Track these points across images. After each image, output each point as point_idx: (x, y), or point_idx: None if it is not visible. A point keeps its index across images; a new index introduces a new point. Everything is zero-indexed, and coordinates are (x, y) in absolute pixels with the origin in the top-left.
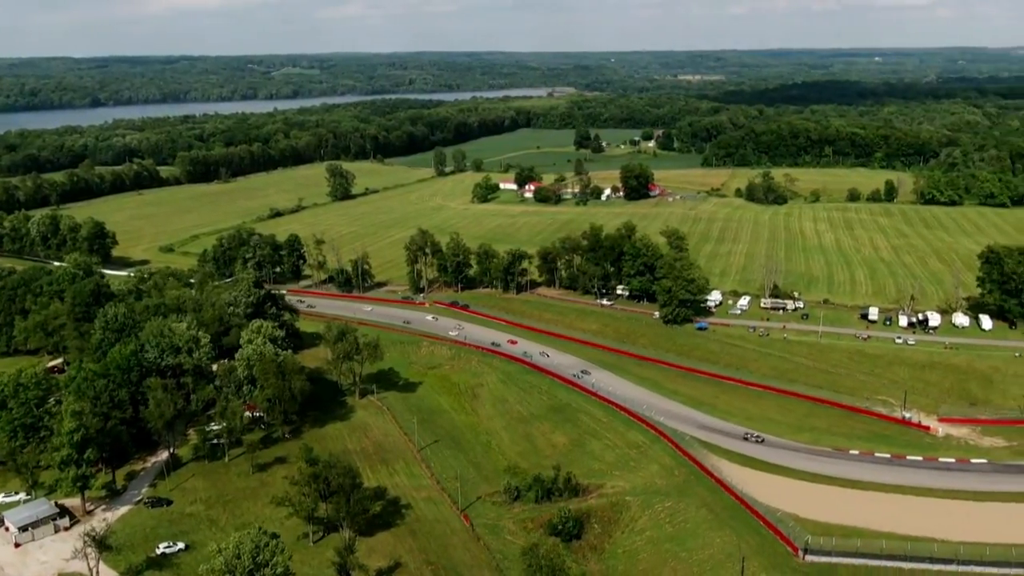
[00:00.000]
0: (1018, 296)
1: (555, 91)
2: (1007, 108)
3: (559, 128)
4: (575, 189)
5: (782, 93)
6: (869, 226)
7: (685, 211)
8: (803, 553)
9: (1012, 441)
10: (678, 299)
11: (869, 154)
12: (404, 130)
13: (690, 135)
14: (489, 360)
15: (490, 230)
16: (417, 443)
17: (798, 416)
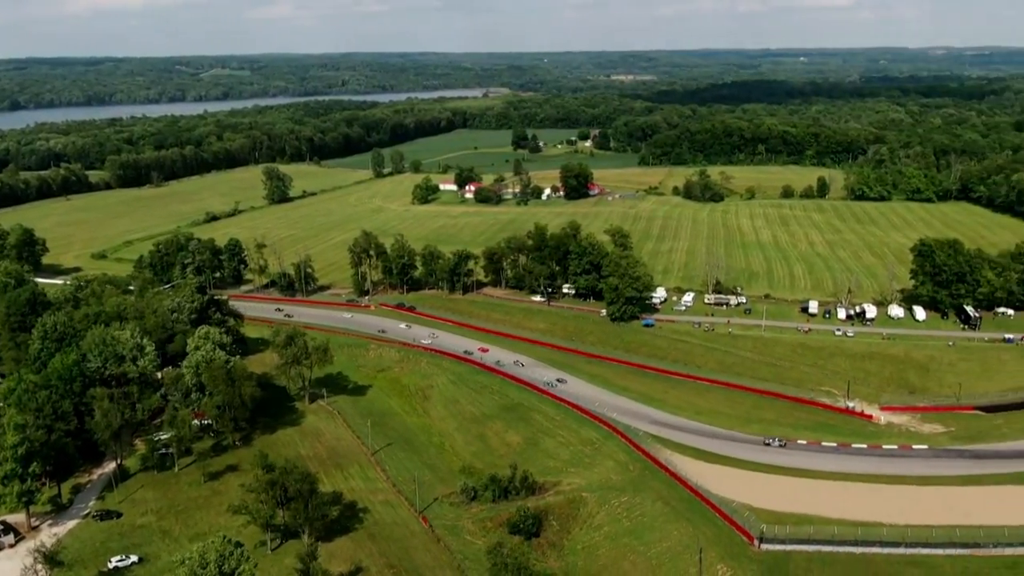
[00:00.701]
0: (949, 288)
1: (490, 91)
2: (928, 106)
3: (495, 128)
4: (516, 189)
5: (713, 92)
6: (804, 222)
7: (625, 210)
8: (758, 542)
9: (950, 427)
10: (625, 297)
11: (801, 152)
12: (340, 132)
13: (626, 134)
14: (439, 361)
15: (432, 231)
16: (371, 446)
17: (746, 408)
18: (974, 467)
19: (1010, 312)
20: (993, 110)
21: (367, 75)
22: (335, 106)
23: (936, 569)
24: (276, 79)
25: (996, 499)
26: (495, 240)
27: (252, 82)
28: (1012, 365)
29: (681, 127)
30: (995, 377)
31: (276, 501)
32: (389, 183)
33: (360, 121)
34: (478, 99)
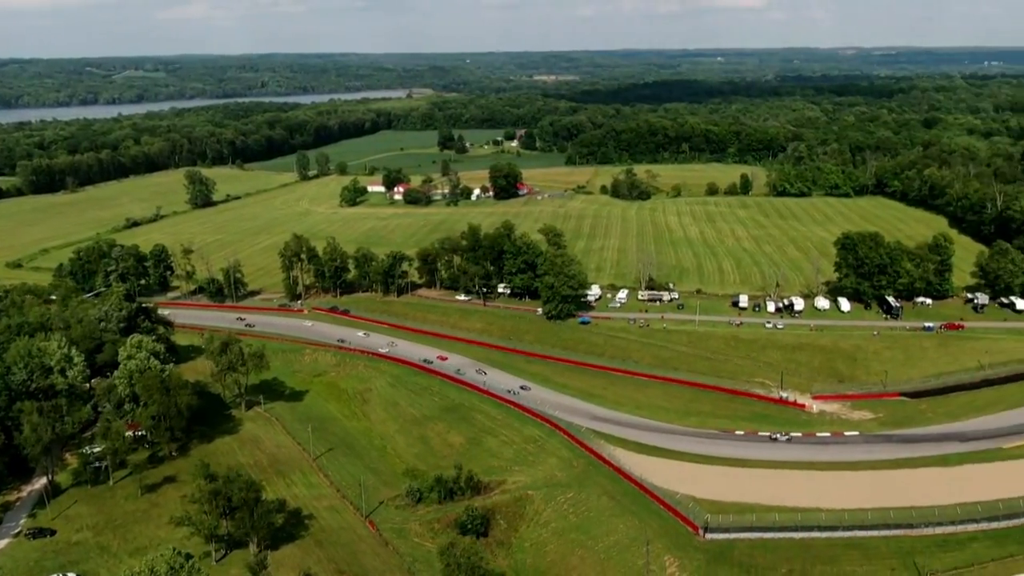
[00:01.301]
0: (871, 279)
1: (413, 92)
2: (842, 105)
3: (420, 129)
4: (445, 190)
5: (635, 92)
6: (729, 218)
7: (555, 209)
8: (703, 532)
9: (878, 413)
10: (561, 295)
11: (723, 149)
12: (262, 134)
13: (551, 134)
14: (376, 364)
15: (362, 233)
16: (312, 452)
17: (684, 401)
18: (902, 451)
19: (928, 301)
20: (902, 108)
21: (287, 76)
22: (256, 108)
23: (873, 550)
24: (193, 81)
25: (924, 480)
26: (427, 241)
27: (168, 84)
28: (933, 352)
29: (606, 127)
30: (918, 364)
31: (220, 511)
32: (315, 186)
33: (283, 123)
34: (402, 100)
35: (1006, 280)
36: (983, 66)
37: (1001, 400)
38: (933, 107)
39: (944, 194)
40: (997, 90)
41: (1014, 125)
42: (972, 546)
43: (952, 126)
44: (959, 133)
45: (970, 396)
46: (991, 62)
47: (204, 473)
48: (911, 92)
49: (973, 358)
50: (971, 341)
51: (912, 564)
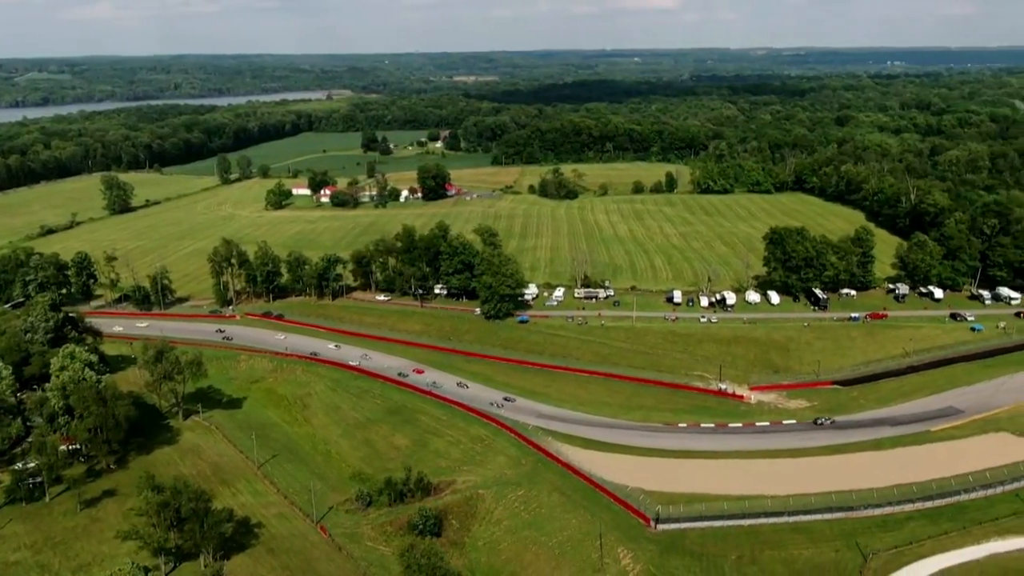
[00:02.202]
0: (798, 272)
1: (332, 93)
2: (757, 104)
3: (342, 131)
4: (373, 192)
5: (556, 92)
6: (656, 216)
7: (485, 209)
8: (655, 523)
9: (813, 401)
10: (499, 294)
11: (646, 148)
12: (180, 137)
13: (476, 135)
14: (315, 368)
15: (290, 237)
16: (256, 460)
17: (626, 396)
18: (838, 437)
19: (853, 293)
20: (815, 106)
21: (201, 78)
22: (171, 110)
23: (817, 533)
24: (101, 83)
25: (861, 464)
26: (357, 244)
27: (74, 86)
28: (861, 341)
29: (531, 126)
30: (847, 353)
31: (169, 523)
32: (238, 189)
33: (200, 126)
34: (322, 101)
35: (924, 271)
36: (886, 66)
37: (926, 385)
38: (844, 105)
39: (860, 189)
40: (902, 89)
41: (921, 122)
42: (909, 525)
43: (863, 124)
44: (870, 130)
45: (898, 382)
46: (893, 62)
47: (149, 484)
48: (822, 91)
49: (898, 346)
50: (895, 329)
51: (855, 545)
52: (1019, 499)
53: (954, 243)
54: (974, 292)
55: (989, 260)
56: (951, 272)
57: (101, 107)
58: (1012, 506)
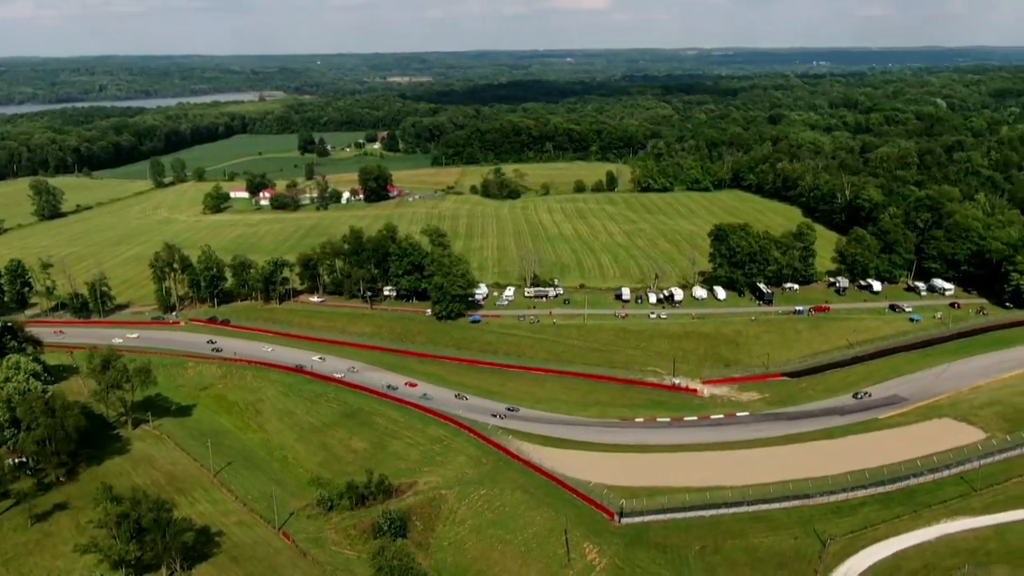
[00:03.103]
0: (743, 267)
1: (265, 95)
2: (691, 103)
3: (277, 133)
4: (314, 193)
5: (492, 92)
6: (599, 214)
7: (428, 210)
8: (619, 517)
9: (764, 393)
10: (451, 295)
11: (586, 148)
12: (109, 140)
13: (414, 135)
14: (265, 374)
15: (231, 241)
16: (211, 468)
17: (582, 393)
18: (791, 427)
19: (795, 286)
20: (747, 105)
21: (127, 79)
22: (98, 113)
23: (776, 521)
24: (21, 85)
25: (814, 453)
26: (300, 247)
27: None
28: (806, 334)
29: (470, 127)
30: (794, 345)
31: (129, 534)
32: (173, 193)
33: (130, 128)
34: (255, 103)
35: (863, 264)
36: (812, 65)
37: (871, 375)
38: (775, 104)
39: (797, 186)
40: (829, 88)
41: (851, 121)
42: (863, 510)
43: (795, 122)
44: (803, 129)
45: (844, 372)
46: (819, 62)
47: (107, 496)
48: (753, 91)
49: (842, 337)
50: (838, 322)
51: (812, 531)
52: (964, 482)
53: (890, 237)
54: (910, 284)
55: (924, 253)
56: (888, 265)
57: (23, 110)
58: (958, 488)
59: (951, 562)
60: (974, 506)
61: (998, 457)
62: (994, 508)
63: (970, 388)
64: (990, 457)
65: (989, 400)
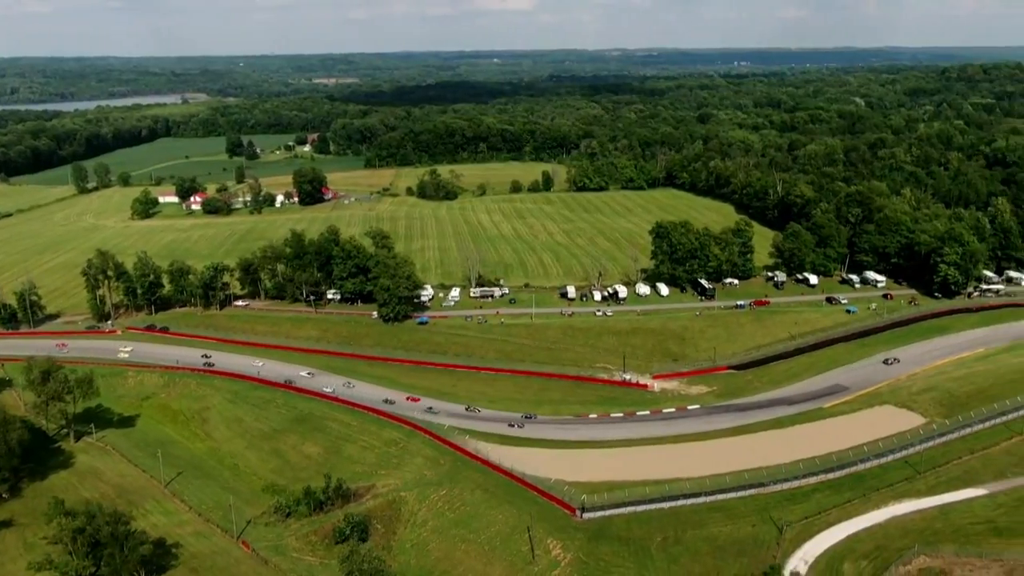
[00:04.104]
0: (684, 264)
1: (187, 97)
2: (620, 103)
3: (203, 136)
4: (247, 197)
5: (421, 93)
6: (537, 214)
7: (365, 212)
8: (580, 512)
9: (713, 387)
10: (398, 297)
11: (520, 148)
12: (26, 145)
13: (345, 137)
14: (210, 381)
15: (163, 247)
16: (162, 478)
17: (534, 392)
18: (741, 419)
19: (735, 281)
20: (675, 105)
21: (40, 82)
22: (11, 116)
23: (733, 510)
24: None
25: (765, 443)
26: (236, 251)
27: None
28: (749, 328)
29: (403, 128)
30: (738, 339)
31: (86, 549)
32: (98, 199)
33: (48, 132)
34: (178, 105)
35: (800, 259)
36: (734, 66)
37: (813, 365)
38: (702, 104)
39: (729, 183)
40: (753, 88)
41: (777, 120)
42: (816, 496)
43: (724, 122)
44: (732, 128)
45: (788, 364)
46: (740, 62)
47: (60, 510)
48: (679, 91)
49: (784, 330)
50: (779, 315)
51: (769, 519)
52: (908, 465)
53: (824, 232)
54: (844, 277)
55: (856, 247)
56: (823, 259)
57: None
58: (903, 472)
59: (901, 543)
60: (919, 488)
61: (938, 441)
62: (938, 490)
63: (907, 375)
64: (931, 441)
65: (926, 387)
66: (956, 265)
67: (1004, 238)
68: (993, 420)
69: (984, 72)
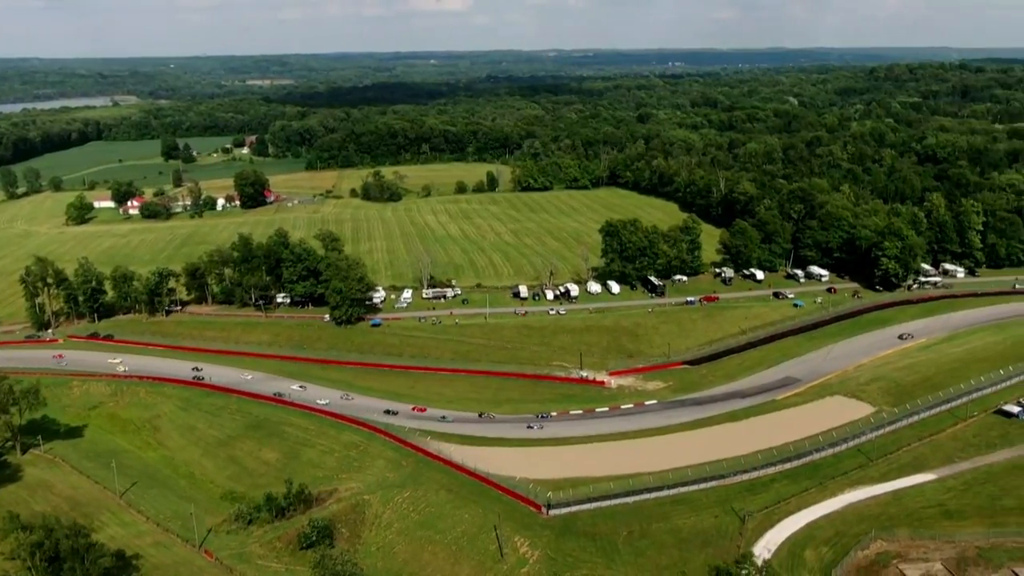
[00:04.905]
0: (634, 262)
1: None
2: (559, 103)
3: (137, 139)
4: (187, 201)
5: (359, 95)
6: (484, 214)
7: (309, 215)
8: (546, 509)
9: (668, 382)
10: (350, 299)
11: (462, 148)
12: None
13: (284, 139)
14: (160, 389)
15: (102, 253)
16: (116, 489)
17: (492, 391)
18: (697, 412)
19: (684, 278)
20: (614, 105)
21: None
22: None
23: (696, 502)
24: None
25: (722, 435)
26: (179, 256)
27: None
28: (700, 323)
29: (344, 130)
30: (690, 335)
31: (46, 564)
32: (28, 204)
33: None
34: (109, 108)
35: (746, 255)
36: (668, 66)
37: (764, 359)
38: (640, 104)
39: (673, 182)
40: (689, 87)
41: (715, 119)
42: (775, 486)
43: (663, 121)
44: (672, 127)
45: (739, 358)
46: (674, 63)
47: (16, 525)
48: (617, 91)
49: (734, 324)
50: (729, 310)
51: (731, 509)
52: (861, 453)
53: (769, 228)
54: (789, 272)
55: (800, 242)
56: (769, 255)
57: None
58: (856, 460)
59: (858, 528)
60: (872, 475)
61: (888, 429)
62: (890, 476)
63: (855, 366)
64: (881, 429)
65: (873, 377)
66: (896, 258)
67: (939, 232)
68: (938, 407)
69: (910, 72)
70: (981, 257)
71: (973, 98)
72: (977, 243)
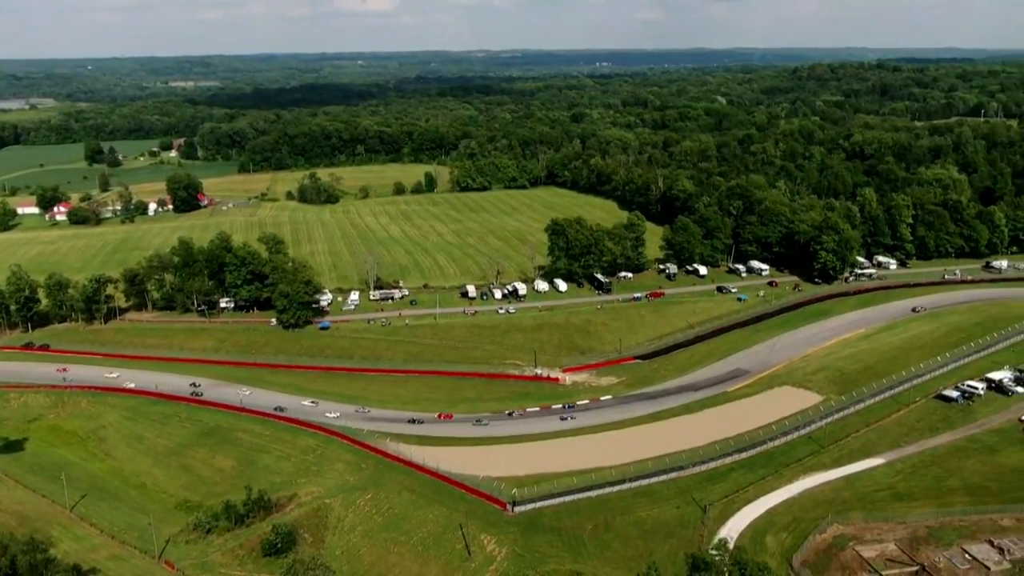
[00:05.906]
0: (580, 260)
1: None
2: (492, 104)
3: (57, 143)
4: (117, 206)
5: (287, 96)
6: (424, 215)
7: (246, 218)
8: (511, 506)
9: (622, 377)
10: (298, 302)
11: (398, 149)
12: None
13: (213, 142)
14: (103, 398)
15: (30, 260)
16: (66, 503)
17: (447, 391)
18: (652, 406)
19: (630, 275)
20: (547, 105)
21: None
22: None
23: (657, 494)
24: None
25: (678, 427)
26: (112, 262)
27: None
28: (649, 318)
29: (276, 131)
30: (640, 330)
31: None
32: None
33: None
34: (25, 111)
35: (689, 251)
36: (596, 66)
37: (713, 352)
38: (572, 104)
39: (611, 180)
40: (619, 87)
41: (648, 118)
42: (732, 476)
43: (597, 121)
44: (607, 127)
45: (689, 352)
46: (602, 63)
47: None
48: (549, 91)
49: (682, 319)
50: (676, 305)
51: (692, 499)
52: (813, 441)
53: (711, 224)
54: (731, 267)
55: (740, 237)
56: (711, 251)
57: None
58: (808, 447)
59: (815, 513)
60: (824, 462)
61: (836, 416)
62: (841, 462)
63: (801, 357)
64: (829, 417)
65: (818, 367)
66: (834, 252)
67: (872, 226)
68: (882, 395)
69: (832, 71)
70: (912, 249)
71: (892, 96)
72: (908, 236)
